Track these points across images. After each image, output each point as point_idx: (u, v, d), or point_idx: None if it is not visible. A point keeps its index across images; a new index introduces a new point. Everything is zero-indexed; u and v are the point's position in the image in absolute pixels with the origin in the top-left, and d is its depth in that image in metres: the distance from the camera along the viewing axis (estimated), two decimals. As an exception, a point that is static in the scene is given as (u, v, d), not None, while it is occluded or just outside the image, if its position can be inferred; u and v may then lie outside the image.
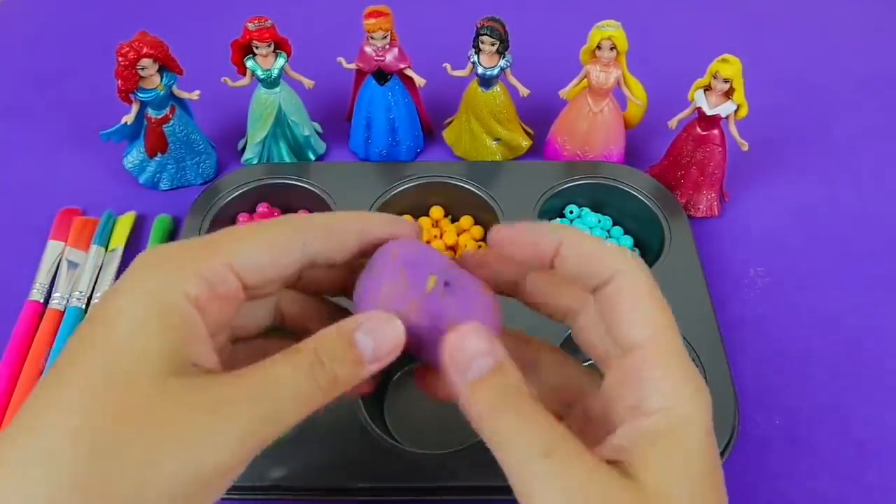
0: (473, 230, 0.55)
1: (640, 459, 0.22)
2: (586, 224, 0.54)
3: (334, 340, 0.24)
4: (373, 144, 0.59)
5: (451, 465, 0.40)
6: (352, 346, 0.24)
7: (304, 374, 0.23)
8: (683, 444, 0.23)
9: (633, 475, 0.22)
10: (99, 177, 0.60)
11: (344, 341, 0.24)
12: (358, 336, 0.24)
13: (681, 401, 0.23)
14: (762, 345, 0.49)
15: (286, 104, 0.57)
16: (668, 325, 0.24)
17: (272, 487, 0.40)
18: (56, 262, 0.52)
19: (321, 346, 0.24)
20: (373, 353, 0.24)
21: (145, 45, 0.51)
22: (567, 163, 0.57)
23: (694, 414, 0.23)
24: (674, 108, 0.54)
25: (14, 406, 0.45)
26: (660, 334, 0.24)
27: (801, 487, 0.43)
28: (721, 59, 0.50)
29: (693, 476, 0.22)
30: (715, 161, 0.54)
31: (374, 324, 0.25)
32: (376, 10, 0.53)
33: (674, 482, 0.22)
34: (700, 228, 0.56)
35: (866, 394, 0.47)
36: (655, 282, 0.25)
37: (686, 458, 0.22)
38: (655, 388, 0.23)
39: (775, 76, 0.69)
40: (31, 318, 0.49)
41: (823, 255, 0.55)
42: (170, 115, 0.55)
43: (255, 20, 0.53)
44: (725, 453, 0.41)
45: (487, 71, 0.54)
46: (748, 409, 0.46)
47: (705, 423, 0.23)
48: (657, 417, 0.23)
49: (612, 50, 0.52)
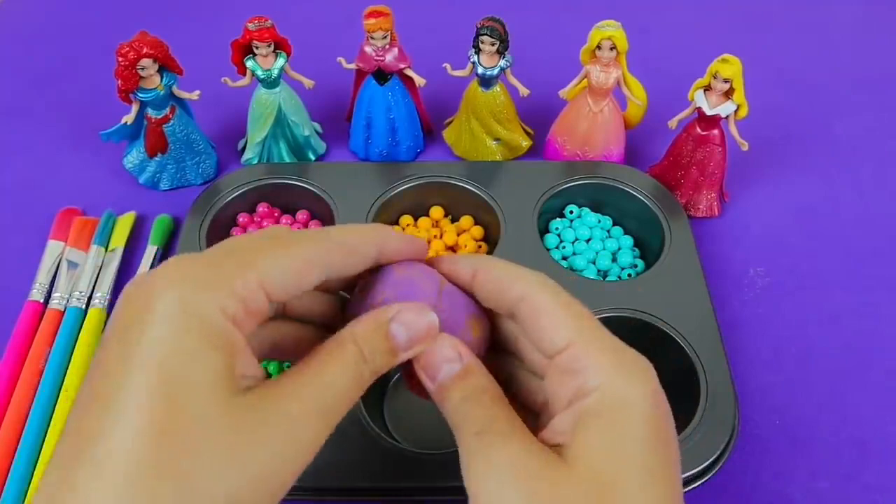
0: (473, 230, 0.55)
1: (575, 440, 0.24)
2: (586, 224, 0.54)
3: (374, 332, 0.26)
4: (373, 144, 0.59)
5: (451, 465, 0.40)
6: (388, 337, 0.26)
7: (352, 370, 0.25)
8: (618, 425, 0.24)
9: (568, 455, 0.24)
10: (99, 177, 0.60)
11: (381, 332, 0.26)
12: (393, 326, 0.26)
13: (616, 383, 0.24)
14: (762, 345, 0.49)
15: (286, 104, 0.57)
16: (591, 324, 0.26)
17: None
18: (56, 262, 0.52)
19: (362, 339, 0.25)
20: (407, 342, 0.26)
21: (145, 45, 0.51)
22: (567, 163, 0.57)
23: (631, 395, 0.24)
24: (674, 108, 0.54)
25: (14, 406, 0.45)
26: (585, 332, 0.26)
27: (801, 487, 0.43)
28: (721, 59, 0.50)
29: (628, 455, 0.23)
30: (715, 161, 0.54)
31: (408, 315, 0.26)
32: (376, 10, 0.53)
33: (606, 460, 0.23)
34: (700, 228, 0.56)
35: (866, 394, 0.47)
36: (567, 292, 0.27)
37: (620, 437, 0.24)
38: (591, 372, 0.25)
39: (775, 76, 0.69)
40: (31, 318, 0.49)
41: (823, 255, 0.55)
42: (170, 115, 0.55)
43: (255, 20, 0.53)
44: (725, 453, 0.41)
45: (487, 71, 0.55)
46: (748, 409, 0.46)
47: (646, 404, 0.24)
48: (592, 398, 0.24)
49: (612, 50, 0.52)
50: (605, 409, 0.24)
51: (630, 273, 0.52)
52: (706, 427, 0.41)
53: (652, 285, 0.49)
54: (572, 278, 0.50)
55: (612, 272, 0.52)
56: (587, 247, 0.53)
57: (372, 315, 0.26)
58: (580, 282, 0.50)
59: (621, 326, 0.47)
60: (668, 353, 0.46)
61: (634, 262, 0.53)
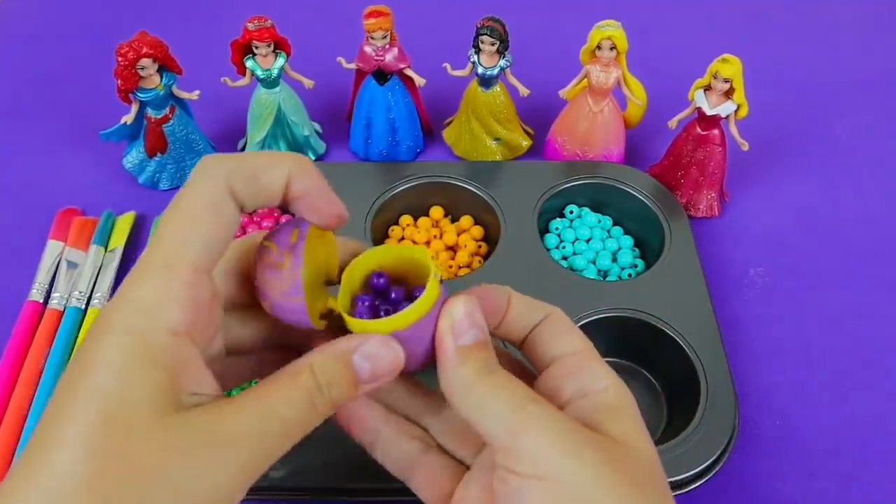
0: (473, 230, 0.55)
1: (600, 423, 0.26)
2: (586, 224, 0.54)
3: (333, 363, 0.25)
4: (373, 144, 0.59)
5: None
6: (349, 369, 0.25)
7: (303, 401, 0.24)
8: (629, 412, 0.27)
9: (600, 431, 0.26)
10: (99, 177, 0.60)
11: (341, 365, 0.25)
12: (355, 359, 0.25)
13: (617, 384, 0.27)
14: (762, 345, 0.49)
15: (286, 104, 0.57)
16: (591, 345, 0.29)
17: (272, 487, 0.40)
18: (56, 262, 0.52)
19: (319, 370, 0.24)
20: (370, 375, 0.25)
21: (145, 45, 0.51)
22: (567, 163, 0.57)
23: (627, 393, 0.27)
24: (674, 108, 0.54)
25: (14, 405, 0.45)
26: (588, 347, 0.28)
27: (801, 487, 0.43)
28: (721, 59, 0.50)
29: (643, 431, 0.27)
30: (715, 161, 0.54)
31: (371, 348, 0.25)
32: (376, 10, 0.53)
33: (632, 434, 0.26)
34: (700, 228, 0.56)
35: (866, 394, 0.47)
36: None
37: (635, 420, 0.27)
38: (600, 374, 0.27)
39: (775, 76, 0.69)
40: (31, 318, 0.49)
41: (823, 255, 0.55)
42: (169, 115, 0.55)
43: (254, 20, 0.53)
44: (725, 453, 0.41)
45: (487, 71, 0.54)
46: (748, 409, 0.46)
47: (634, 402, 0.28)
48: (607, 394, 0.27)
49: (612, 50, 0.52)
50: (620, 401, 0.27)
51: (630, 273, 0.52)
52: (706, 427, 0.41)
53: (652, 285, 0.49)
54: (572, 278, 0.50)
55: (612, 272, 0.52)
56: (587, 247, 0.53)
57: (333, 345, 0.25)
58: (580, 282, 0.50)
59: (621, 326, 0.47)
60: (668, 353, 0.46)
61: (634, 262, 0.53)
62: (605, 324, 0.47)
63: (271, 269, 0.26)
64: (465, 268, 0.52)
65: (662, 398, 0.47)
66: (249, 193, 0.25)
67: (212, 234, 0.24)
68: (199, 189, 0.24)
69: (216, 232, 0.24)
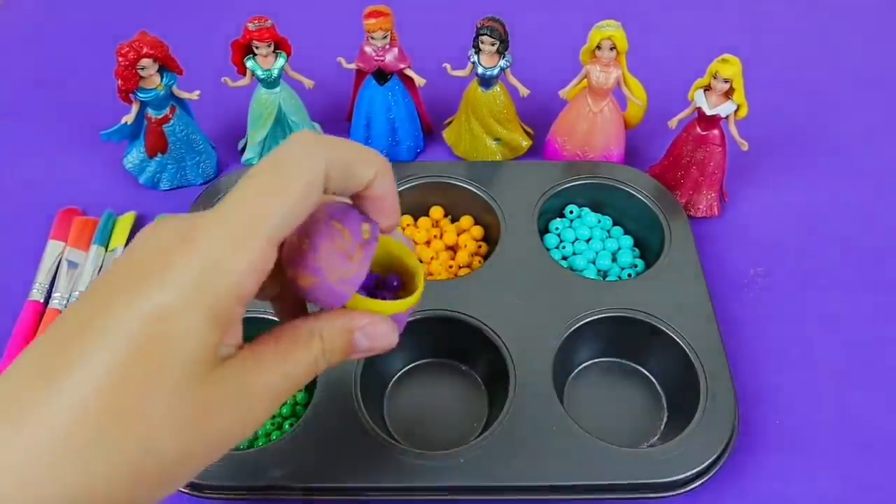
0: (473, 230, 0.55)
1: None
2: (586, 224, 0.54)
3: (339, 336, 0.28)
4: (373, 144, 0.59)
5: (452, 465, 0.40)
6: (350, 343, 0.28)
7: (310, 363, 0.27)
8: None
9: None
10: (99, 177, 0.60)
11: (346, 338, 0.28)
12: (358, 335, 0.28)
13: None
14: (762, 345, 0.49)
15: (286, 104, 0.57)
16: None
17: (272, 487, 0.40)
18: (56, 261, 0.52)
19: (328, 339, 0.27)
20: (363, 351, 0.28)
21: (145, 45, 0.51)
22: (567, 163, 0.57)
23: None
24: (674, 108, 0.54)
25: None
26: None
27: (801, 487, 0.43)
28: (721, 59, 0.50)
29: None
30: (715, 161, 0.54)
31: (374, 329, 0.28)
32: (376, 10, 0.53)
33: None
34: (700, 228, 0.56)
35: (866, 394, 0.47)
36: None
37: None
38: None
39: (775, 76, 0.69)
40: (32, 318, 0.49)
41: (823, 255, 0.55)
42: (170, 115, 0.55)
43: (255, 20, 0.53)
44: (725, 453, 0.41)
45: (487, 71, 0.55)
46: (748, 409, 0.46)
47: None
48: None
49: (612, 50, 0.52)
50: None
51: (630, 273, 0.52)
52: (706, 427, 0.41)
53: (652, 285, 0.49)
54: (572, 278, 0.50)
55: (612, 272, 0.52)
56: (587, 247, 0.53)
57: (344, 320, 0.27)
58: (580, 282, 0.50)
59: (621, 326, 0.47)
60: (669, 353, 0.46)
61: (634, 262, 0.53)
62: (605, 324, 0.47)
63: (341, 254, 0.27)
64: (465, 268, 0.52)
65: (662, 398, 0.47)
66: (340, 182, 0.26)
67: (296, 211, 0.25)
68: (302, 165, 0.25)
69: (300, 210, 0.25)
